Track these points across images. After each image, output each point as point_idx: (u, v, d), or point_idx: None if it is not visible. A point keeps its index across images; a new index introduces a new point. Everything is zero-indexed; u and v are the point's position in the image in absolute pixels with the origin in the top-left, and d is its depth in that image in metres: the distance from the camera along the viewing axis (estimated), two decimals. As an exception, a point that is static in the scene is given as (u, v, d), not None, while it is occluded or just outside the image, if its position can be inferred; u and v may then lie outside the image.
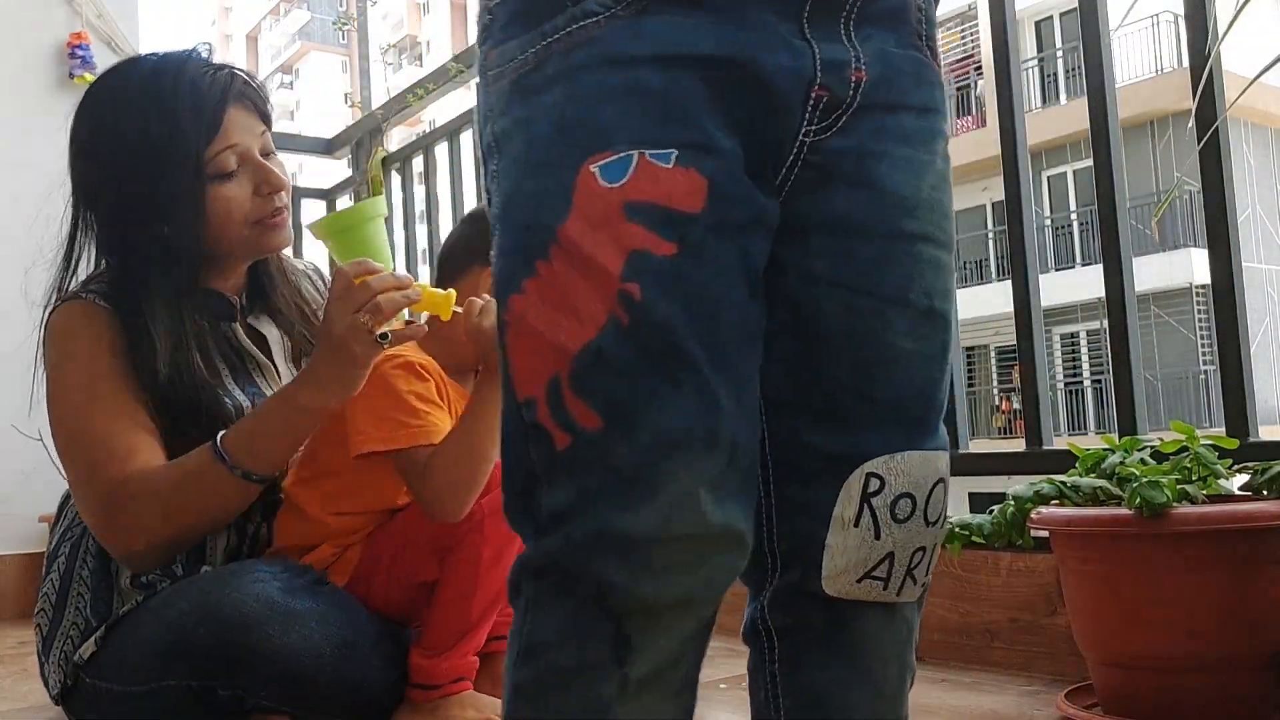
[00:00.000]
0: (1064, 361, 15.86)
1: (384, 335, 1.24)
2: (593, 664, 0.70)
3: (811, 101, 0.75)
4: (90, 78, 3.11)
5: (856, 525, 0.77)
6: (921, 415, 0.79)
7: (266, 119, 1.43)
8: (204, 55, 1.41)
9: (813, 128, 0.76)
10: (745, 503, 0.72)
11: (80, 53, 3.11)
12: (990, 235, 16.44)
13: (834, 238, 0.77)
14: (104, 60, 3.14)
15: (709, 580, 0.71)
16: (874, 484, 0.77)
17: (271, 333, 1.51)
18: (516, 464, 0.73)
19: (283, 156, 1.47)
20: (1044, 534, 1.46)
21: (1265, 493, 1.36)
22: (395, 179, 3.49)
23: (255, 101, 1.42)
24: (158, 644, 1.28)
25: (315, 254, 3.24)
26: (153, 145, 1.34)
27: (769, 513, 0.80)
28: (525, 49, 0.75)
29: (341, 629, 1.29)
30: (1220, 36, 1.52)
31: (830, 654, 0.81)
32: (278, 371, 1.49)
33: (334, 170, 4.02)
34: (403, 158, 3.47)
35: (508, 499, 0.75)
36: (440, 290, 1.30)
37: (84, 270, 1.48)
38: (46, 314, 1.44)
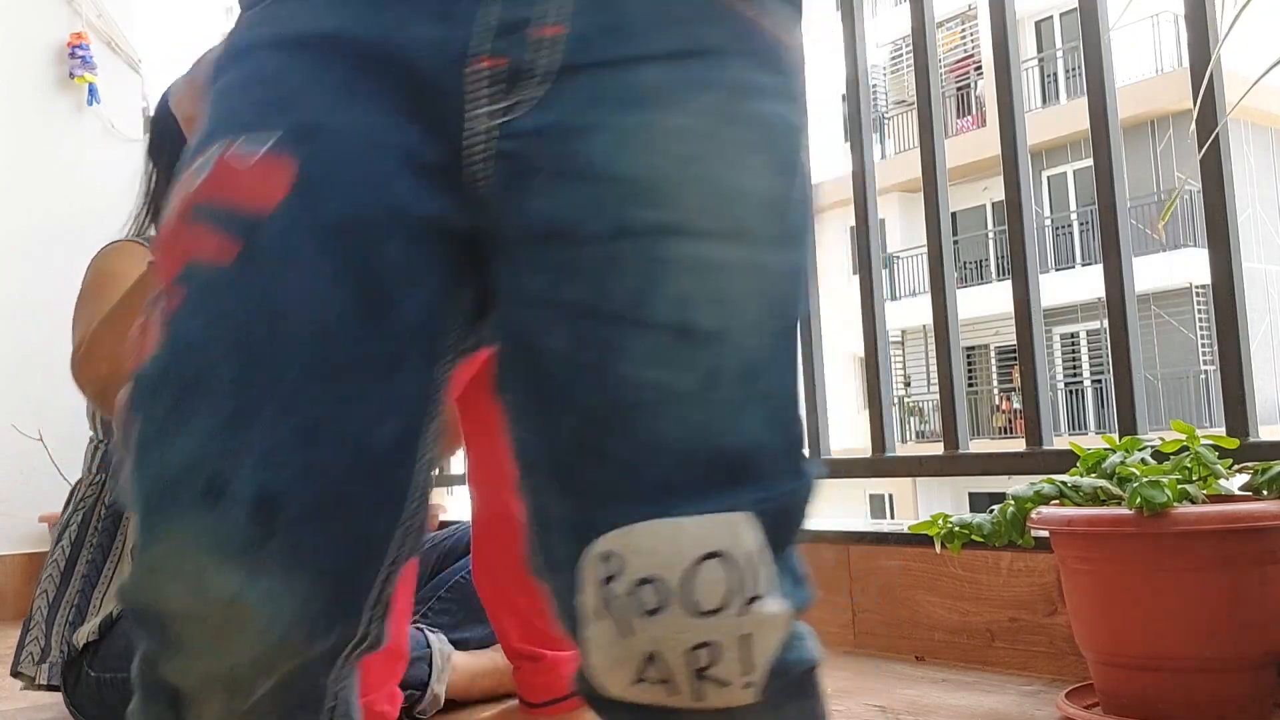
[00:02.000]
0: (1064, 361, 15.86)
1: None
2: None
3: (473, 77, 0.60)
4: (90, 78, 3.11)
5: (603, 618, 0.59)
6: (675, 473, 0.58)
7: None
8: None
9: (496, 107, 0.60)
10: (292, 575, 0.57)
11: (80, 53, 3.11)
12: (990, 235, 16.45)
13: (546, 247, 0.60)
14: (104, 60, 3.15)
15: (234, 665, 0.58)
16: (613, 565, 0.58)
17: None
18: None
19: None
20: (1044, 534, 1.46)
21: (1265, 493, 1.36)
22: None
23: None
24: None
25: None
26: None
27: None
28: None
29: None
30: (1221, 39, 1.52)
31: None
32: None
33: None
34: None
35: None
36: None
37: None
38: None
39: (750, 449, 0.59)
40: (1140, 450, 1.44)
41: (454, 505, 2.97)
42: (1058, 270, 15.23)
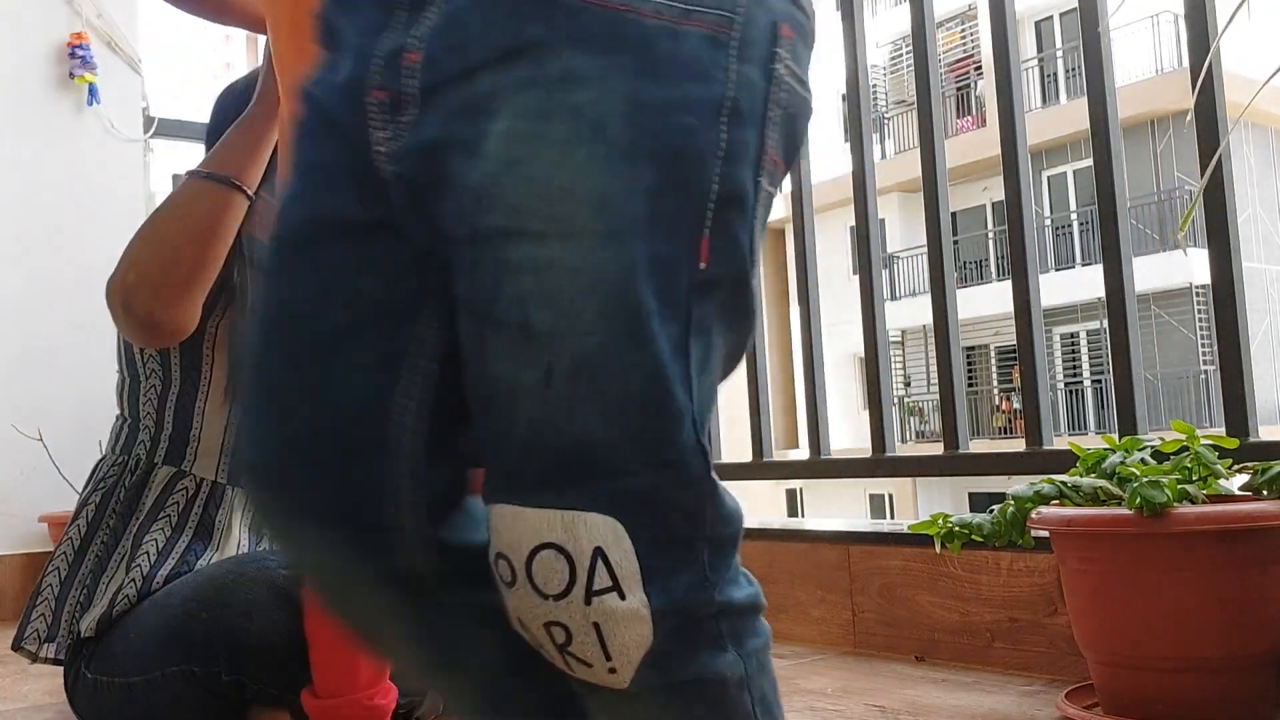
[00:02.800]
0: (1064, 361, 15.86)
1: None
2: None
3: (370, 109, 0.66)
4: (90, 78, 3.11)
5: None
6: (522, 463, 0.62)
7: None
8: None
9: (384, 134, 0.66)
10: (310, 500, 0.70)
11: (80, 53, 3.11)
12: (990, 235, 16.44)
13: (448, 256, 0.66)
14: (104, 60, 3.14)
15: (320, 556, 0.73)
16: (490, 537, 0.64)
17: None
18: None
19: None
20: (1044, 534, 1.46)
21: (1265, 493, 1.36)
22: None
23: None
24: (160, 631, 1.29)
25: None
26: None
27: None
28: None
29: None
30: (1219, 34, 1.52)
31: None
32: None
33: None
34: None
35: None
36: None
37: None
38: None
39: (589, 444, 0.60)
40: (1140, 450, 1.44)
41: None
42: (1058, 270, 15.23)
